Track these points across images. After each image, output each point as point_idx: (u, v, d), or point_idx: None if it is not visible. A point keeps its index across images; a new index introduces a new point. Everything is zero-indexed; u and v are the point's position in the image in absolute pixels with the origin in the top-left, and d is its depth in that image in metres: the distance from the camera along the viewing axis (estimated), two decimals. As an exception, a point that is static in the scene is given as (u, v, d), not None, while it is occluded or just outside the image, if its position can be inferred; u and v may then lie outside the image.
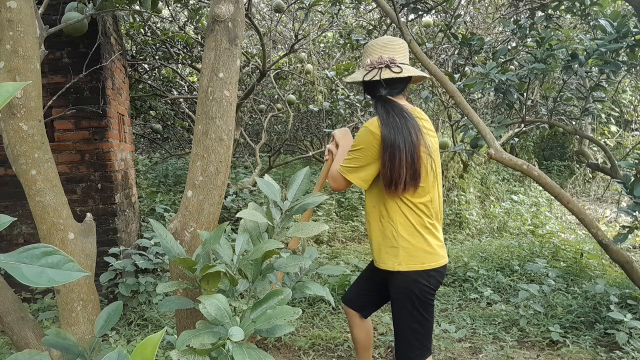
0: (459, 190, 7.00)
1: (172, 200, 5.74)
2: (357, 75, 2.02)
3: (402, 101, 2.01)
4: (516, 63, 5.25)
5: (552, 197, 4.39)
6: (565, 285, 4.04)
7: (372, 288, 2.23)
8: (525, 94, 4.00)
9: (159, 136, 8.60)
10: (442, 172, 7.10)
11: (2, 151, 3.43)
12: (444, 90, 5.19)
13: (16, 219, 0.90)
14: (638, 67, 3.75)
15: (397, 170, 1.85)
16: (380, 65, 1.96)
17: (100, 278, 3.31)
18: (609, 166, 4.54)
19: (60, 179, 1.83)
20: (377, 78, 1.94)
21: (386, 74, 1.94)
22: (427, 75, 2.12)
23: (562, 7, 4.36)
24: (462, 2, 6.74)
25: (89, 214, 2.09)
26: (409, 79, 2.02)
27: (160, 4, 5.19)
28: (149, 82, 6.63)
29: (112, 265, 3.32)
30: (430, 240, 1.94)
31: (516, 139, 6.27)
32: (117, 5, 3.34)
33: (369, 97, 2.09)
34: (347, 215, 6.60)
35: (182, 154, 7.88)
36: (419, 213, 1.93)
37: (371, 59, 2.00)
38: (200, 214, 1.87)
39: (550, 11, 4.41)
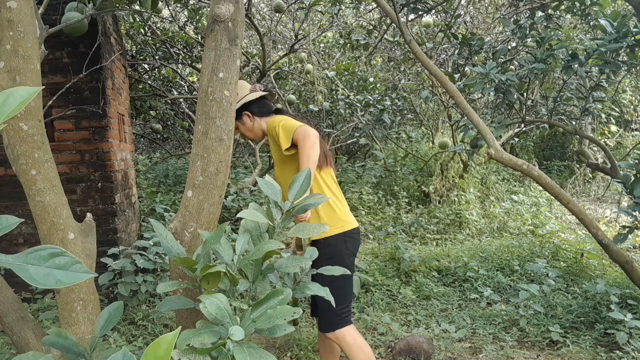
0: (459, 190, 7.00)
1: (172, 200, 5.73)
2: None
3: None
4: (516, 63, 5.25)
5: (552, 197, 4.39)
6: (565, 285, 4.04)
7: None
8: (525, 94, 4.00)
9: (159, 136, 8.58)
10: (442, 172, 7.11)
11: (2, 151, 3.42)
12: (444, 90, 5.19)
13: (23, 220, 0.90)
14: (638, 67, 3.75)
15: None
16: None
17: (100, 278, 3.30)
18: (609, 166, 4.54)
19: (60, 179, 1.83)
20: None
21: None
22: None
23: (562, 7, 4.36)
24: (462, 2, 6.74)
25: (89, 214, 2.09)
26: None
27: (160, 4, 5.18)
28: (149, 82, 6.62)
29: (110, 266, 3.31)
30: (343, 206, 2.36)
31: (516, 139, 6.27)
32: (117, 5, 3.34)
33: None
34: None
35: (182, 154, 7.86)
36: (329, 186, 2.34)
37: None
38: (201, 214, 1.87)
39: (550, 11, 4.41)
